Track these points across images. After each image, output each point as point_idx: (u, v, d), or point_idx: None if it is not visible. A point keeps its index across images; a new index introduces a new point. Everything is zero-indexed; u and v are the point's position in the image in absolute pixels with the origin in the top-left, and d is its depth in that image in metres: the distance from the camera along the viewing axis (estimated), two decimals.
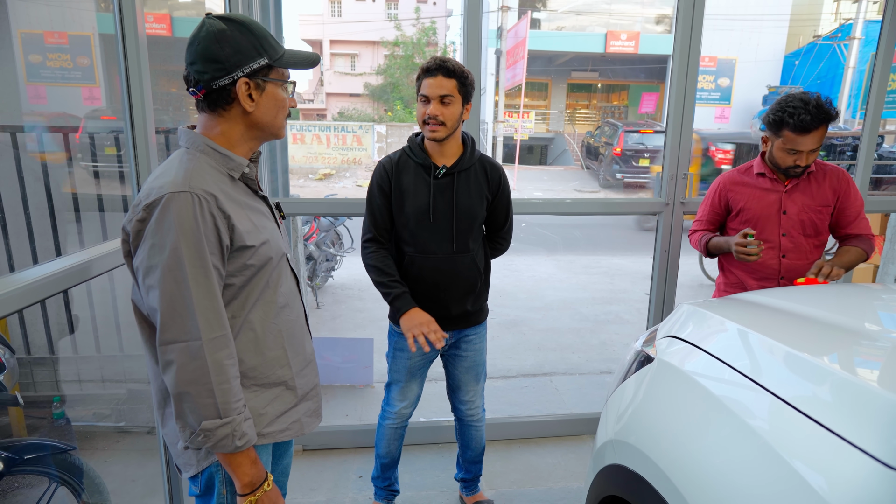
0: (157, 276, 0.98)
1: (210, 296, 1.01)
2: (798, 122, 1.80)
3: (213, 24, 1.04)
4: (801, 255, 2.00)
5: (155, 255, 0.98)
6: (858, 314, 1.37)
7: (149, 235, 0.99)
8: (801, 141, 1.83)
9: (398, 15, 24.86)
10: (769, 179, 2.00)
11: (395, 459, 2.10)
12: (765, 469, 0.89)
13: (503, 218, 1.93)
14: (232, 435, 1.03)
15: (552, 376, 3.62)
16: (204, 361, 0.99)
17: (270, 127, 1.14)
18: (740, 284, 2.09)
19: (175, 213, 0.97)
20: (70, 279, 1.30)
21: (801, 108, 1.80)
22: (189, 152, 1.08)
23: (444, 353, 2.00)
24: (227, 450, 1.04)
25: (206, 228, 1.00)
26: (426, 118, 1.71)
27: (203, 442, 1.02)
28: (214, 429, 1.01)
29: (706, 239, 2.09)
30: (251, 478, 1.08)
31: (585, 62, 21.65)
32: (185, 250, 0.98)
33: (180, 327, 0.99)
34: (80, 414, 2.57)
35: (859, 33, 15.09)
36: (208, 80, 1.05)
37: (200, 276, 1.00)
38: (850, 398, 0.92)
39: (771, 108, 1.90)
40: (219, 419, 1.01)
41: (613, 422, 1.34)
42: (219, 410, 1.01)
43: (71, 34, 5.38)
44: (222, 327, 1.03)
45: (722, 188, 2.08)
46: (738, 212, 2.05)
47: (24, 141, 2.43)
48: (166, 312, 0.99)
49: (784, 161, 1.91)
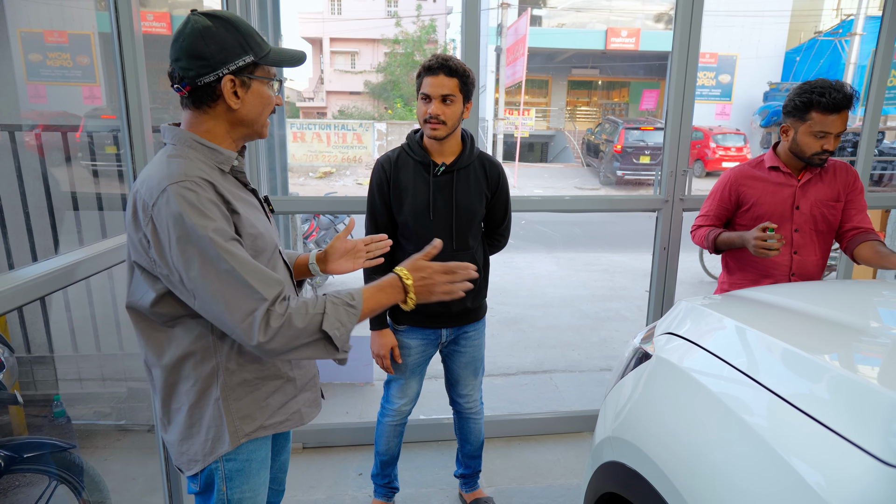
0: (197, 264, 0.97)
1: (248, 260, 1.01)
2: (830, 101, 1.77)
3: (199, 20, 1.04)
4: (812, 252, 1.98)
5: (185, 248, 0.97)
6: (858, 311, 1.37)
7: (167, 232, 0.98)
8: (830, 122, 1.80)
9: (398, 12, 24.81)
10: (782, 174, 1.97)
11: (395, 457, 2.11)
12: (762, 466, 0.89)
13: (502, 215, 1.93)
14: (347, 314, 1.06)
15: (552, 373, 3.62)
16: (285, 312, 1.00)
17: (255, 124, 1.14)
18: (747, 281, 2.04)
19: (179, 201, 0.97)
20: (69, 277, 1.30)
21: (829, 87, 1.78)
22: (176, 148, 1.07)
23: (444, 349, 2.01)
24: (354, 322, 1.07)
25: (212, 209, 1.00)
26: (427, 117, 1.71)
27: (342, 336, 1.06)
28: (338, 326, 1.04)
29: (714, 234, 2.01)
30: (389, 296, 1.12)
31: (586, 59, 21.62)
32: (202, 230, 0.97)
33: (243, 300, 0.98)
34: (80, 412, 2.58)
35: (860, 29, 15.05)
36: (193, 76, 1.04)
37: (231, 246, 0.99)
38: (848, 395, 0.91)
39: (792, 95, 1.86)
40: (331, 324, 1.04)
41: (611, 419, 1.34)
42: (324, 320, 1.03)
43: (71, 33, 5.37)
44: (277, 282, 1.03)
45: (733, 182, 2.02)
46: (749, 206, 1.99)
47: (22, 139, 2.43)
48: (225, 293, 0.98)
49: (811, 147, 1.86)
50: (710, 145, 14.88)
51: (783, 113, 1.93)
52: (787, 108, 1.89)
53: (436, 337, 1.93)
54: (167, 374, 1.11)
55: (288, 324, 1.00)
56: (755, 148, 16.22)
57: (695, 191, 2.52)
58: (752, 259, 2.00)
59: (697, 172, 14.85)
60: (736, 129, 16.00)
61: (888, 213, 3.82)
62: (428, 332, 1.91)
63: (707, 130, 15.22)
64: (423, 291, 1.13)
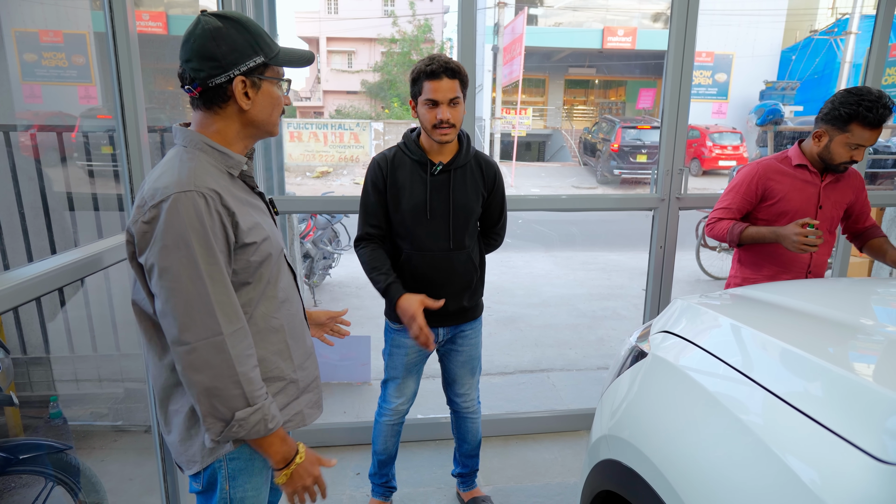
0: (171, 276, 0.99)
1: (226, 290, 1.02)
2: (876, 118, 1.77)
3: (210, 21, 1.04)
4: (825, 250, 2.03)
5: (167, 256, 0.98)
6: (853, 309, 1.37)
7: (159, 237, 0.99)
8: (869, 136, 1.81)
9: (395, 12, 24.78)
10: (809, 172, 1.98)
11: (393, 456, 2.11)
12: (757, 464, 0.89)
13: (497, 214, 1.94)
14: (264, 419, 1.06)
15: (549, 372, 3.62)
16: (228, 355, 1.01)
17: (266, 125, 1.14)
18: (761, 276, 2.04)
19: (184, 212, 0.98)
20: (65, 277, 1.30)
21: (875, 102, 1.77)
22: (188, 150, 1.07)
23: (440, 349, 2.01)
24: (259, 435, 1.06)
25: (214, 226, 1.01)
26: (437, 122, 1.69)
27: (238, 432, 1.04)
28: (247, 417, 1.04)
29: (740, 228, 1.96)
30: (283, 454, 1.11)
31: (582, 58, 21.63)
32: (197, 248, 0.98)
33: (202, 325, 1.00)
34: (76, 413, 2.57)
35: (856, 28, 15.09)
36: (204, 77, 1.04)
37: (215, 272, 1.01)
38: (843, 393, 0.92)
39: (836, 102, 1.84)
40: (249, 407, 1.04)
41: (608, 417, 1.35)
42: (247, 399, 1.04)
43: (66, 32, 5.35)
44: (240, 319, 1.05)
45: (762, 175, 1.99)
46: (776, 201, 1.98)
47: (17, 140, 2.42)
48: (185, 312, 0.99)
49: (841, 156, 1.87)
50: (707, 144, 14.91)
51: (819, 118, 1.91)
52: (828, 115, 1.87)
53: (433, 336, 1.93)
54: (168, 373, 1.11)
55: (227, 362, 1.01)
56: (751, 146, 16.26)
57: (691, 189, 2.53)
58: (771, 254, 2.01)
59: (694, 171, 14.88)
60: (732, 127, 16.04)
61: (882, 211, 3.84)
62: None
63: (704, 129, 15.25)
64: (296, 475, 1.13)
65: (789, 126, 7.26)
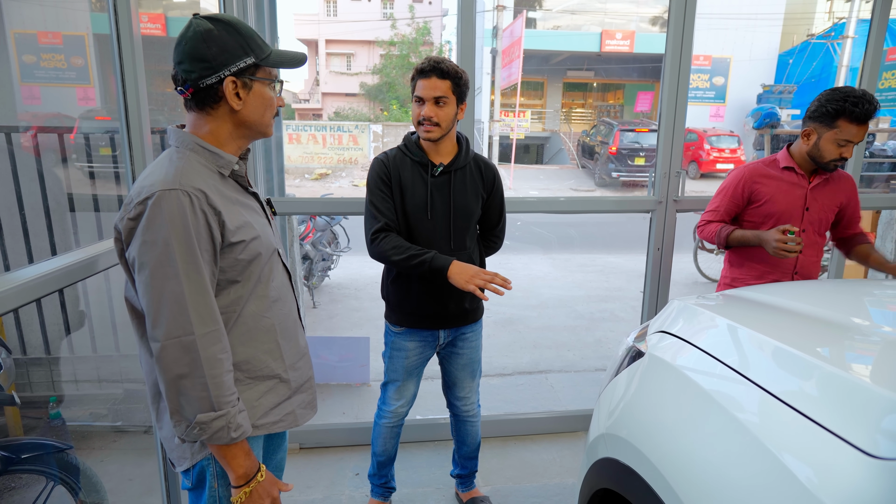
0: (148, 272, 1.00)
1: (202, 291, 1.02)
2: (861, 112, 1.81)
3: (201, 23, 1.06)
4: (814, 252, 2.04)
5: (146, 252, 1.00)
6: (848, 309, 1.39)
7: (140, 233, 1.00)
8: (856, 131, 1.84)
9: (394, 14, 24.82)
10: (796, 174, 2.01)
11: (392, 457, 2.11)
12: (753, 462, 0.90)
13: (497, 216, 1.95)
14: (227, 427, 1.04)
15: (548, 374, 3.64)
16: (197, 355, 1.01)
17: (258, 125, 1.15)
18: (750, 277, 2.07)
19: (166, 210, 0.99)
20: (65, 278, 1.31)
21: (861, 97, 1.81)
22: (179, 151, 1.09)
23: (441, 351, 2.01)
24: (222, 441, 1.05)
25: (198, 225, 1.02)
26: (421, 119, 1.72)
27: (199, 434, 1.03)
28: (209, 421, 1.03)
29: (727, 231, 2.03)
30: (245, 469, 1.10)
31: (581, 61, 21.68)
32: (176, 246, 0.99)
33: (173, 322, 1.00)
34: (76, 414, 2.58)
35: (852, 32, 15.16)
36: (195, 78, 1.06)
37: (192, 271, 1.01)
38: (838, 392, 0.93)
39: (823, 100, 1.88)
40: (213, 412, 1.03)
41: (605, 416, 1.36)
42: (213, 404, 1.03)
43: (65, 34, 5.35)
44: (215, 322, 1.04)
45: (747, 179, 2.04)
46: (762, 203, 2.02)
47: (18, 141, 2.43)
48: (158, 308, 1.00)
49: (830, 154, 1.90)
50: (705, 147, 14.96)
51: (807, 117, 1.94)
52: (815, 113, 1.90)
53: (433, 339, 1.94)
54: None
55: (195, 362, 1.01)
56: (749, 150, 16.32)
57: (688, 192, 2.55)
58: (758, 256, 2.03)
59: (692, 174, 14.93)
60: (730, 130, 16.09)
61: (878, 214, 3.86)
62: (426, 334, 1.92)
63: (701, 132, 15.30)
64: (255, 495, 1.11)
65: (786, 129, 7.30)
